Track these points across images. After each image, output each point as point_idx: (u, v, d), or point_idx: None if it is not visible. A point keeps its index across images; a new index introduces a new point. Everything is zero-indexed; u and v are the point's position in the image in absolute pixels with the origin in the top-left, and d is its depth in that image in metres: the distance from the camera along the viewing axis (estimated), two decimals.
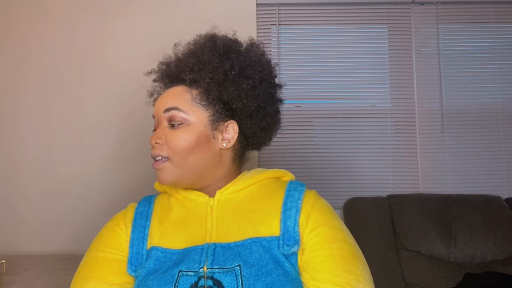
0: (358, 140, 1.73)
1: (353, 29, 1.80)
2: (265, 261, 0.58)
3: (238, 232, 0.63)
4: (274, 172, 0.74)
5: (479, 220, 1.44)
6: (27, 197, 1.58)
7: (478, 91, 1.76)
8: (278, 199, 0.67)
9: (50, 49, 1.65)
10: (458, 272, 1.34)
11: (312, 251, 0.60)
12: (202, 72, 0.69)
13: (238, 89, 0.69)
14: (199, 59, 0.70)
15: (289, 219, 0.63)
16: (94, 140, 1.62)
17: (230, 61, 0.70)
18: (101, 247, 0.66)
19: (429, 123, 1.74)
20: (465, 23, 1.79)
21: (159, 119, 0.70)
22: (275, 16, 1.77)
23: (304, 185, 0.71)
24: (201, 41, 0.75)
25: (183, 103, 0.68)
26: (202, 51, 0.71)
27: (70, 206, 1.58)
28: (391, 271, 1.39)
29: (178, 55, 0.77)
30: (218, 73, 0.68)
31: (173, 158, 0.66)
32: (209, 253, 0.60)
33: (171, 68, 0.76)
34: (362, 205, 1.56)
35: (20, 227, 1.57)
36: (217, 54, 0.70)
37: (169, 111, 0.68)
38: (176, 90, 0.70)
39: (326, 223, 0.63)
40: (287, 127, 1.74)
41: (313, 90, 1.76)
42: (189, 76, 0.69)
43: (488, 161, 1.72)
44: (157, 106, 0.71)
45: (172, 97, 0.69)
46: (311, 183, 1.77)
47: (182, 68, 0.71)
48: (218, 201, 0.69)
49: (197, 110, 0.68)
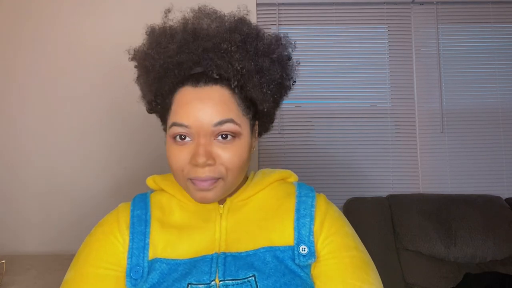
0: (358, 140, 1.73)
1: (353, 29, 1.80)
2: (282, 271, 0.55)
3: (250, 241, 0.59)
4: (280, 173, 0.69)
5: (479, 220, 1.44)
6: (27, 197, 1.58)
7: (478, 91, 1.76)
8: (290, 205, 0.63)
9: (42, 48, 1.65)
10: (458, 272, 1.34)
11: (325, 259, 0.58)
12: (256, 79, 0.57)
13: (278, 97, 0.63)
14: (252, 62, 0.56)
15: (304, 228, 0.60)
16: (94, 140, 1.62)
17: (281, 68, 0.60)
18: (92, 260, 0.57)
19: (429, 123, 1.74)
20: (465, 23, 1.79)
21: (202, 133, 0.55)
22: (275, 16, 1.77)
23: (313, 189, 0.67)
24: (237, 29, 0.58)
25: (235, 113, 0.56)
26: (251, 49, 0.57)
27: (70, 206, 1.58)
28: (391, 271, 1.39)
29: (195, 33, 0.58)
30: (274, 83, 0.59)
31: (227, 177, 0.56)
32: (219, 263, 0.56)
33: (186, 51, 0.56)
34: (362, 205, 1.56)
35: (20, 227, 1.57)
36: (272, 60, 0.59)
37: (223, 124, 0.54)
38: (222, 94, 0.55)
39: (339, 231, 0.61)
40: (287, 127, 1.74)
41: (313, 90, 1.76)
42: (237, 81, 0.56)
43: (488, 161, 1.72)
44: (199, 115, 0.54)
45: (222, 105, 0.55)
46: (311, 183, 1.75)
47: (220, 64, 0.55)
48: (228, 209, 0.63)
49: (244, 119, 0.58)
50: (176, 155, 0.56)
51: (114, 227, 0.61)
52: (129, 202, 0.65)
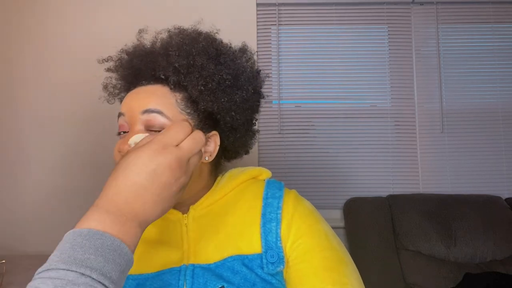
0: (358, 140, 1.73)
1: (353, 29, 1.80)
2: (252, 281, 0.54)
3: (217, 250, 0.57)
4: (250, 172, 0.67)
5: (479, 220, 1.44)
6: (27, 197, 1.58)
7: (478, 91, 1.76)
8: (256, 209, 0.60)
9: (42, 46, 1.65)
10: (458, 272, 1.34)
11: (295, 264, 0.56)
12: (192, 76, 0.58)
13: (230, 101, 0.60)
14: (189, 60, 0.59)
15: (270, 234, 0.57)
16: (94, 140, 1.61)
17: (226, 68, 0.60)
18: None
19: (429, 123, 1.74)
20: (465, 23, 1.79)
21: (132, 120, 0.57)
22: (275, 16, 1.77)
23: (282, 187, 0.64)
24: (187, 37, 0.62)
25: (167, 107, 0.56)
26: (192, 50, 0.60)
27: (70, 206, 1.57)
28: (391, 271, 1.39)
29: (152, 46, 0.64)
30: (212, 80, 0.58)
31: None
32: (187, 276, 0.54)
33: (138, 61, 0.62)
34: (362, 205, 1.56)
35: (20, 227, 1.57)
36: (212, 58, 0.60)
37: (150, 114, 0.56)
38: (157, 90, 0.58)
39: (308, 231, 0.58)
40: (287, 127, 1.74)
41: (313, 90, 1.76)
42: (174, 78, 0.58)
43: (488, 161, 1.72)
44: (131, 104, 0.58)
45: (154, 97, 0.57)
46: (311, 183, 1.78)
47: (162, 65, 0.59)
48: (192, 218, 0.61)
49: (181, 118, 0.57)
50: (115, 147, 0.58)
51: None
52: None
